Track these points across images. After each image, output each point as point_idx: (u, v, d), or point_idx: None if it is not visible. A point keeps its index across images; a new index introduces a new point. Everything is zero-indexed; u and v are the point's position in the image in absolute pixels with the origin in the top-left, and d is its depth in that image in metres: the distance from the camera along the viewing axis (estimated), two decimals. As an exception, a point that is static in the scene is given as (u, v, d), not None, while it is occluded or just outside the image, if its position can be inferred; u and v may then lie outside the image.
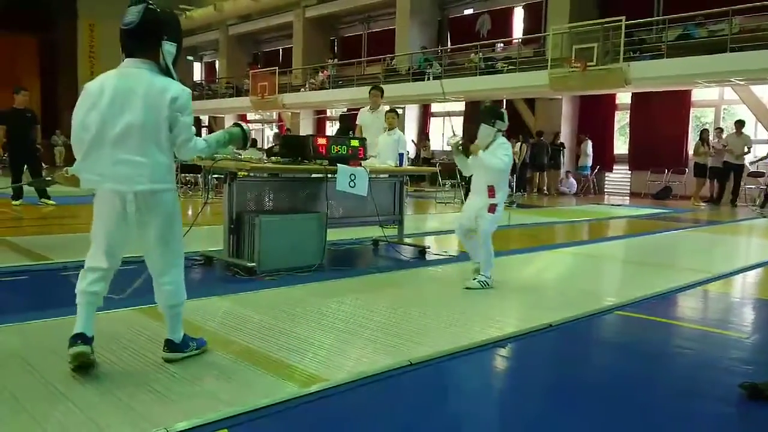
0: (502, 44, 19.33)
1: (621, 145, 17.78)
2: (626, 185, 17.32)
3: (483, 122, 4.48)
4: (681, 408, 2.64)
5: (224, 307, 3.87)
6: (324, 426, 2.37)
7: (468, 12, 20.98)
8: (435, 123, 22.21)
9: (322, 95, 21.00)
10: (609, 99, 17.18)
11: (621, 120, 17.86)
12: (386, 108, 7.52)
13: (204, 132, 29.10)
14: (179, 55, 2.83)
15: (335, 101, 20.72)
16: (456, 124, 20.77)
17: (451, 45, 20.42)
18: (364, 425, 2.40)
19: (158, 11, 2.71)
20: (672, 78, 13.18)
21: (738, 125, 13.48)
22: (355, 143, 5.66)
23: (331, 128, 23.55)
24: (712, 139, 13.94)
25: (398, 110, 9.80)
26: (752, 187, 14.04)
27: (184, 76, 30.26)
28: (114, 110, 2.64)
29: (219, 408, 2.35)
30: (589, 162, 16.94)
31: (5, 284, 4.47)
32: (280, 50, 28.05)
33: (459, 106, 20.35)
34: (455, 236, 5.10)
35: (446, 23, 21.55)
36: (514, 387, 2.92)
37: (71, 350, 2.64)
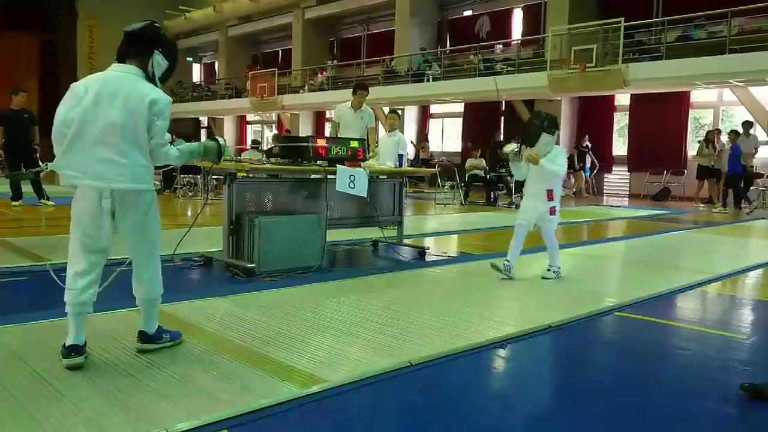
0: (502, 45, 19.33)
1: (620, 147, 17.80)
2: (625, 186, 17.33)
3: (545, 131, 4.74)
4: (680, 408, 2.64)
5: (224, 308, 3.87)
6: (323, 427, 2.37)
7: (467, 13, 20.99)
8: (434, 124, 22.22)
9: (322, 96, 21.00)
10: (608, 100, 17.20)
11: (620, 121, 17.88)
12: (369, 109, 7.48)
13: (203, 133, 29.11)
14: (169, 75, 2.95)
15: (334, 102, 20.68)
16: (455, 125, 20.92)
17: (451, 46, 20.43)
18: (364, 426, 2.40)
19: (162, 31, 2.92)
20: (671, 79, 13.20)
21: (746, 126, 13.14)
22: (355, 144, 5.66)
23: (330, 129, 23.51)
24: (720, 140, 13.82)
25: (398, 111, 9.77)
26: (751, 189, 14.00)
27: (184, 77, 30.35)
28: (97, 109, 2.72)
29: (219, 408, 2.35)
30: (588, 163, 16.92)
31: (4, 285, 4.47)
32: (280, 51, 28.04)
33: (458, 108, 20.38)
34: (454, 236, 5.09)
35: (446, 24, 21.56)
36: (514, 388, 2.93)
37: (66, 362, 2.71)
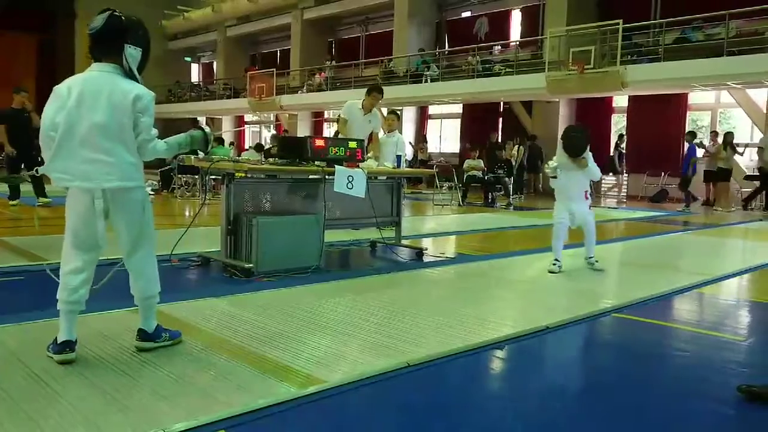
0: (500, 47, 19.35)
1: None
2: (623, 188, 17.33)
3: (587, 146, 5.72)
4: (678, 409, 2.64)
5: (221, 308, 3.87)
6: (322, 427, 2.37)
7: (466, 14, 21.00)
8: (432, 125, 22.23)
9: (320, 97, 21.00)
10: (606, 102, 17.22)
11: (618, 123, 17.90)
12: (378, 113, 7.48)
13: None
14: (146, 60, 2.92)
15: (333, 103, 20.72)
16: (453, 126, 20.94)
17: (449, 47, 20.44)
18: (362, 427, 2.40)
19: (122, 18, 2.82)
20: (669, 81, 13.22)
21: None
22: (353, 145, 5.65)
23: (329, 130, 23.53)
24: (708, 143, 13.85)
25: (397, 112, 9.77)
26: (748, 190, 14.04)
27: (183, 76, 30.34)
28: (81, 111, 2.73)
29: (216, 408, 2.35)
30: None
31: (2, 285, 4.47)
32: (278, 52, 28.03)
33: (456, 108, 20.39)
34: (452, 237, 5.09)
35: (444, 25, 21.56)
36: (512, 389, 2.93)
37: (59, 357, 2.76)
